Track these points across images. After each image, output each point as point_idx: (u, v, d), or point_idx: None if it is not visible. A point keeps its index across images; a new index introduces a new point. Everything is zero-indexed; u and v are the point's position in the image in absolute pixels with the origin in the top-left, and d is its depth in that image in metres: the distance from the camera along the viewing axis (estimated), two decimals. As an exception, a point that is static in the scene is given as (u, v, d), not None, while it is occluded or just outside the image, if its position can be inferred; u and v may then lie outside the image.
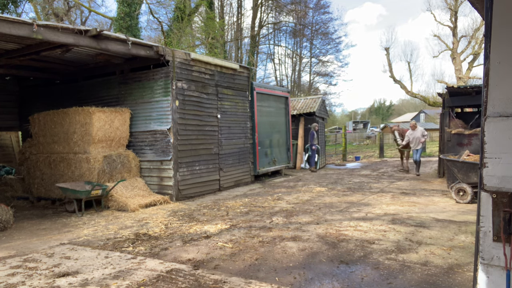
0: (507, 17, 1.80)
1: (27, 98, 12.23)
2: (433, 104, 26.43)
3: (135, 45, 8.25)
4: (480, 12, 2.43)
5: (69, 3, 24.36)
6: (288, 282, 3.98)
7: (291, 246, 5.21)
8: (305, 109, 17.70)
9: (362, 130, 52.71)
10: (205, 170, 10.09)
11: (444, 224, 6.16)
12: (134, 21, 18.91)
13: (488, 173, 1.89)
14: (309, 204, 8.28)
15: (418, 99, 42.78)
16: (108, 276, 4.26)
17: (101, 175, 8.50)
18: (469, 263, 4.33)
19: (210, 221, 6.94)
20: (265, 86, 14.17)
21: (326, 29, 36.30)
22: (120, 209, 8.18)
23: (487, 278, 1.91)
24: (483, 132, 1.89)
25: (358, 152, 27.57)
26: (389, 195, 9.11)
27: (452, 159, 8.24)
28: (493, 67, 1.85)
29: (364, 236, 5.61)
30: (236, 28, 30.26)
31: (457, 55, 29.18)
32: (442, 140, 12.18)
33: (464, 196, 7.91)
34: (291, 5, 31.18)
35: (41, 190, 9.43)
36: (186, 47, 21.18)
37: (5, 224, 6.74)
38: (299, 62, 37.99)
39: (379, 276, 4.06)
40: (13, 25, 6.13)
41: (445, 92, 11.82)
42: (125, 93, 9.87)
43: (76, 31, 7.07)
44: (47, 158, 9.27)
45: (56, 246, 5.60)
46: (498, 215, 1.85)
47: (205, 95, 10.04)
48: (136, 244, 5.55)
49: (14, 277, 4.33)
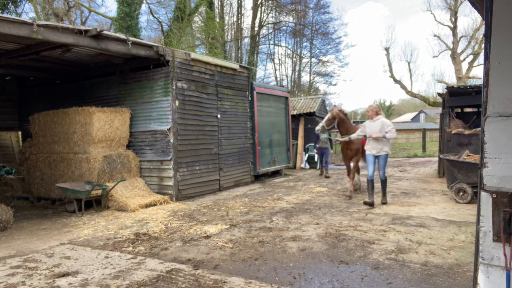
0: (507, 17, 1.80)
1: (27, 98, 12.23)
2: (433, 104, 26.45)
3: (135, 45, 8.25)
4: (480, 12, 2.43)
5: (69, 3, 24.35)
6: (288, 282, 3.98)
7: (291, 246, 5.20)
8: (305, 109, 17.71)
9: (362, 130, 52.62)
10: (205, 170, 10.09)
11: (444, 224, 6.16)
12: (134, 21, 18.91)
13: (488, 173, 1.89)
14: (309, 204, 8.28)
15: (418, 99, 42.81)
16: (108, 276, 4.26)
17: (101, 175, 8.50)
18: (469, 263, 4.33)
19: (210, 221, 6.94)
20: (265, 86, 14.17)
21: (326, 29, 36.29)
22: (120, 209, 8.18)
23: (487, 278, 1.91)
24: (483, 132, 1.89)
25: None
26: (389, 195, 9.11)
27: (452, 159, 8.24)
28: (493, 67, 1.85)
29: (364, 236, 5.61)
30: (236, 28, 30.26)
31: (457, 55, 29.19)
32: (442, 140, 12.17)
33: (464, 196, 7.90)
34: (291, 5, 31.18)
35: (41, 190, 9.43)
36: (186, 47, 21.19)
37: (5, 224, 6.74)
38: (299, 62, 37.98)
39: (379, 276, 4.06)
40: (13, 25, 6.13)
41: (445, 92, 11.83)
42: (125, 93, 9.86)
43: (76, 31, 7.07)
44: (47, 158, 9.27)
45: (56, 246, 5.60)
46: (498, 215, 1.85)
47: (205, 95, 10.03)
48: (136, 244, 5.55)
49: (14, 277, 4.33)
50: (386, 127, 7.62)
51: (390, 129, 7.60)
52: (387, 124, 7.68)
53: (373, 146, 7.74)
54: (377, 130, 7.66)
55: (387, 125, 7.66)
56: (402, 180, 11.91)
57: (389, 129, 7.60)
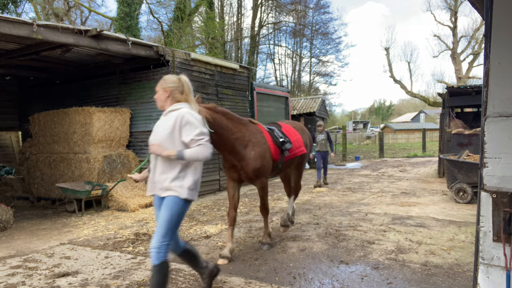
0: (507, 17, 1.80)
1: (27, 98, 12.22)
2: (433, 104, 26.47)
3: (135, 45, 8.25)
4: (480, 12, 2.43)
5: (69, 3, 24.35)
6: (288, 282, 3.98)
7: (291, 246, 5.20)
8: (305, 109, 17.71)
9: (362, 130, 52.74)
10: (205, 170, 10.08)
11: (444, 224, 6.16)
12: (134, 21, 18.91)
13: (488, 173, 1.89)
14: (309, 204, 8.27)
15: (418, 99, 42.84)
16: (108, 276, 4.26)
17: (101, 175, 8.50)
18: (469, 263, 4.33)
19: (210, 221, 6.94)
20: (265, 86, 14.18)
21: (326, 29, 36.31)
22: (120, 209, 8.18)
23: (487, 278, 1.91)
24: (483, 132, 1.89)
25: (358, 152, 27.58)
26: (389, 195, 9.11)
27: (452, 159, 8.23)
28: (493, 67, 1.85)
29: (364, 236, 5.61)
30: (236, 28, 30.25)
31: (457, 55, 29.21)
32: (442, 140, 12.17)
33: (464, 196, 7.91)
34: (291, 5, 31.18)
35: (41, 190, 9.43)
36: (186, 47, 21.19)
37: (5, 224, 6.74)
38: (299, 62, 37.98)
39: (379, 276, 4.06)
40: (13, 25, 6.13)
41: (445, 92, 11.83)
42: (125, 93, 9.86)
43: (76, 31, 7.07)
44: (47, 158, 9.27)
45: (56, 246, 5.60)
46: (498, 215, 1.85)
47: (205, 95, 10.03)
48: (136, 244, 5.55)
49: (14, 277, 4.33)
50: (185, 132, 3.13)
51: (195, 137, 3.10)
52: (189, 125, 3.13)
53: (153, 177, 3.27)
54: (162, 139, 3.22)
55: (188, 127, 3.13)
56: (402, 180, 11.91)
57: (191, 137, 3.10)
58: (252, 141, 4.66)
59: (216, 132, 4.20)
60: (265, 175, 4.88)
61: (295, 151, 5.34)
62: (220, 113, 4.44)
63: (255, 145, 4.66)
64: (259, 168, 4.69)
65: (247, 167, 4.63)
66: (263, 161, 4.73)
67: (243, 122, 4.76)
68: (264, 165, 4.77)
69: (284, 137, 5.17)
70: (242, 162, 4.63)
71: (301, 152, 5.54)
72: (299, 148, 5.48)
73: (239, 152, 4.57)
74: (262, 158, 4.71)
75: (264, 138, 4.86)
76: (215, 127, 4.19)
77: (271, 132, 5.11)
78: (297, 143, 5.44)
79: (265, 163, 4.78)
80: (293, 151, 5.28)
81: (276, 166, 5.08)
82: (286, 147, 5.11)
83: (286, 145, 5.11)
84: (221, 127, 4.35)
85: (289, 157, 5.21)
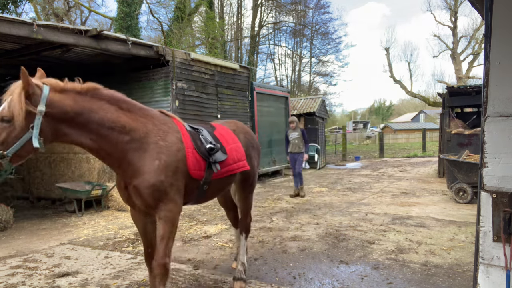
0: (507, 17, 1.80)
1: (27, 98, 12.20)
2: (433, 104, 26.46)
3: (135, 45, 8.25)
4: (480, 12, 2.43)
5: (69, 3, 24.35)
6: (288, 282, 3.98)
7: (291, 246, 5.20)
8: (305, 109, 17.71)
9: (362, 130, 52.75)
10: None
11: (444, 224, 6.16)
12: (134, 21, 18.91)
13: (488, 173, 1.89)
14: (309, 204, 8.27)
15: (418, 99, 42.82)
16: (108, 276, 4.26)
17: (101, 175, 8.50)
18: (469, 263, 4.33)
19: (210, 221, 6.94)
20: (265, 86, 14.18)
21: (326, 29, 36.32)
22: (120, 209, 8.17)
23: (487, 278, 1.91)
24: (483, 132, 1.89)
25: (358, 152, 27.58)
26: (389, 195, 9.11)
27: (452, 159, 8.24)
28: (493, 67, 1.85)
29: (364, 236, 5.61)
30: (236, 28, 30.25)
31: (457, 55, 29.21)
32: (442, 140, 12.18)
33: (464, 196, 7.91)
34: (291, 5, 31.19)
35: (41, 190, 9.43)
36: (186, 47, 21.19)
37: (5, 224, 6.73)
38: (299, 62, 37.98)
39: (379, 276, 4.06)
40: (13, 25, 6.13)
41: (445, 92, 11.83)
42: (125, 93, 9.79)
43: (76, 31, 7.07)
44: (47, 158, 9.27)
45: (56, 246, 5.60)
46: (498, 215, 1.85)
47: (205, 95, 10.03)
48: (136, 244, 5.54)
49: (14, 277, 4.33)
50: None
51: None
52: None
53: None
54: None
55: None
56: (402, 180, 11.91)
57: None
58: (159, 144, 2.90)
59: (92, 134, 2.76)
60: (172, 199, 2.90)
61: (232, 165, 3.46)
62: (105, 99, 3.00)
63: (162, 150, 2.89)
64: (159, 185, 2.81)
65: (141, 185, 2.79)
66: (170, 176, 2.88)
67: (149, 113, 3.18)
68: (170, 183, 2.88)
69: (215, 143, 3.30)
70: (134, 178, 2.82)
71: (241, 169, 3.60)
72: (238, 162, 3.55)
73: (132, 163, 2.82)
74: (169, 171, 2.87)
75: (179, 141, 3.04)
76: (89, 124, 2.75)
77: (194, 134, 3.28)
78: (235, 154, 3.53)
79: (173, 180, 2.90)
80: (228, 166, 3.41)
81: (198, 187, 3.20)
82: (216, 158, 3.27)
83: (217, 155, 3.27)
84: (102, 123, 2.82)
85: (221, 173, 3.34)
